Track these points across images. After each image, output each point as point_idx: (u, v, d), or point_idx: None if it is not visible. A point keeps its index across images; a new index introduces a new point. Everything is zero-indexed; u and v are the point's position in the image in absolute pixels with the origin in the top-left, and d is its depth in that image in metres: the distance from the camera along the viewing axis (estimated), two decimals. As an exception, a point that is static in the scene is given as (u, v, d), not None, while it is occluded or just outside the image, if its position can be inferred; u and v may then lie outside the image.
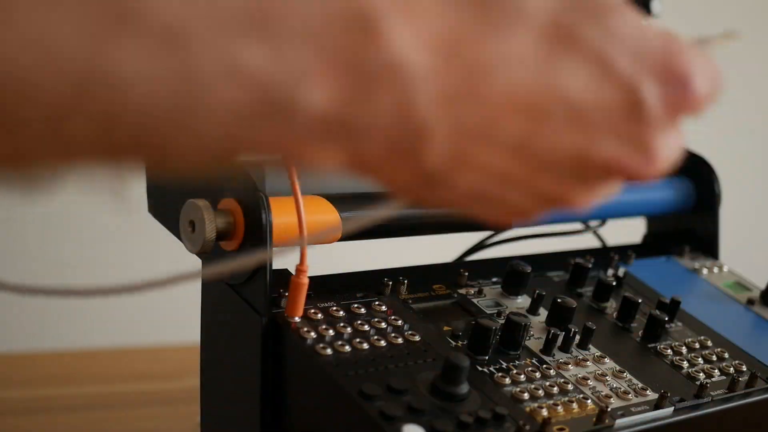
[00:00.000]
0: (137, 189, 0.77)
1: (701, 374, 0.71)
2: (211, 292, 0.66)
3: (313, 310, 0.63)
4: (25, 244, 1.40)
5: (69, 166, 0.34)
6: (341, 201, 0.68)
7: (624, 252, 0.87)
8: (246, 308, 0.62)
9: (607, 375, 0.67)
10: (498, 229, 0.86)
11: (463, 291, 0.73)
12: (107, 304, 1.43)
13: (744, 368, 0.74)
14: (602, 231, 0.95)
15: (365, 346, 0.61)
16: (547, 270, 0.80)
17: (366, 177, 0.36)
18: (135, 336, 1.38)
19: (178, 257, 0.83)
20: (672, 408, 0.66)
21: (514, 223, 0.40)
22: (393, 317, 0.65)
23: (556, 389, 0.63)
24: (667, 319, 0.75)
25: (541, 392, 0.63)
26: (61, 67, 0.30)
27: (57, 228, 1.41)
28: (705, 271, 0.89)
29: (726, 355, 0.75)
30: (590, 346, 0.70)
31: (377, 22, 0.32)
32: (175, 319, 1.31)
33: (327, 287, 0.66)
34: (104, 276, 1.43)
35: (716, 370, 0.72)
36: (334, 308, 0.64)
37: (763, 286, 0.88)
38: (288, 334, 0.60)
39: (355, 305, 0.65)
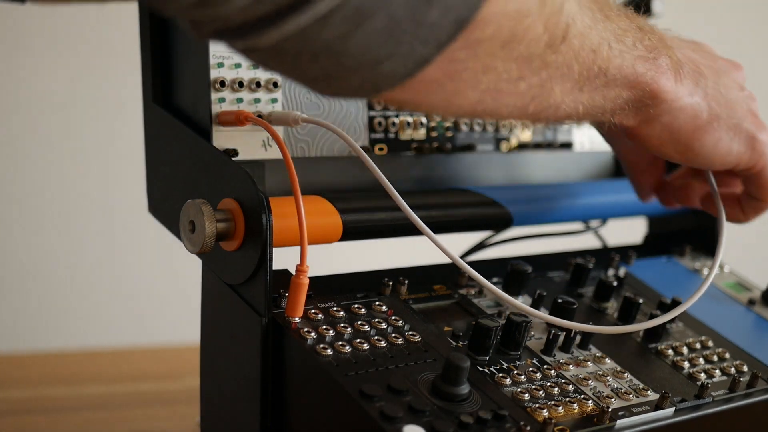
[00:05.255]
0: (138, 189, 0.77)
1: (702, 375, 0.71)
2: (211, 292, 0.66)
3: (313, 311, 0.63)
4: (25, 242, 1.40)
5: None
6: (341, 201, 0.68)
7: (625, 252, 0.87)
8: (246, 308, 0.62)
9: (607, 375, 0.67)
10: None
11: (463, 291, 0.72)
12: (107, 304, 1.43)
13: (745, 368, 0.73)
14: (603, 231, 0.94)
15: (366, 346, 0.61)
16: (547, 270, 0.80)
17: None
18: (135, 336, 1.39)
19: (178, 257, 0.83)
20: (673, 408, 0.66)
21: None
22: (393, 317, 0.65)
23: (556, 390, 0.63)
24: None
25: (541, 393, 0.62)
26: None
27: (58, 227, 1.41)
28: (706, 271, 0.89)
29: (727, 356, 0.75)
30: (591, 346, 0.70)
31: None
32: (175, 319, 1.31)
33: (327, 287, 0.66)
34: (105, 274, 1.43)
35: (717, 371, 0.72)
36: (335, 308, 0.64)
37: (763, 287, 0.87)
38: (288, 334, 0.60)
39: (356, 305, 0.65)
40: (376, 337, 0.62)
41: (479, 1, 0.46)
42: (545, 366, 0.66)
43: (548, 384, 0.64)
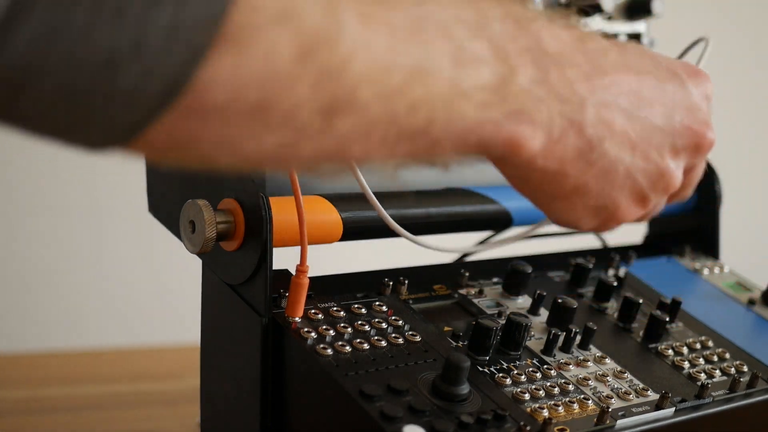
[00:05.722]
0: (138, 188, 0.77)
1: (702, 375, 0.71)
2: (211, 292, 0.66)
3: (313, 311, 0.63)
4: (25, 241, 1.40)
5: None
6: (341, 201, 0.68)
7: (625, 252, 0.87)
8: (246, 308, 0.62)
9: (608, 375, 0.67)
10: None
11: (463, 291, 0.72)
12: (107, 305, 1.43)
13: (745, 369, 0.73)
14: (603, 231, 0.94)
15: (366, 346, 0.61)
16: (547, 270, 0.80)
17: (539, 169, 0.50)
18: (135, 336, 1.38)
19: (178, 257, 0.83)
20: (673, 408, 0.66)
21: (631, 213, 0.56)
22: (393, 317, 0.65)
23: (556, 390, 0.63)
24: (668, 319, 0.75)
25: (541, 393, 0.62)
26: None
27: (58, 227, 1.41)
28: (706, 271, 0.89)
29: (727, 356, 0.75)
30: (591, 346, 0.70)
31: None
32: (175, 319, 1.31)
33: (327, 287, 0.66)
34: (105, 274, 1.43)
35: (717, 371, 0.72)
36: (335, 308, 0.64)
37: (763, 287, 0.87)
38: (288, 334, 0.60)
39: (356, 305, 0.65)
40: (376, 337, 0.62)
41: (189, 64, 0.36)
42: (545, 366, 0.66)
43: (548, 384, 0.64)
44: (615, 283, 0.78)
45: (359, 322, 0.63)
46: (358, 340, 0.61)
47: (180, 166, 0.43)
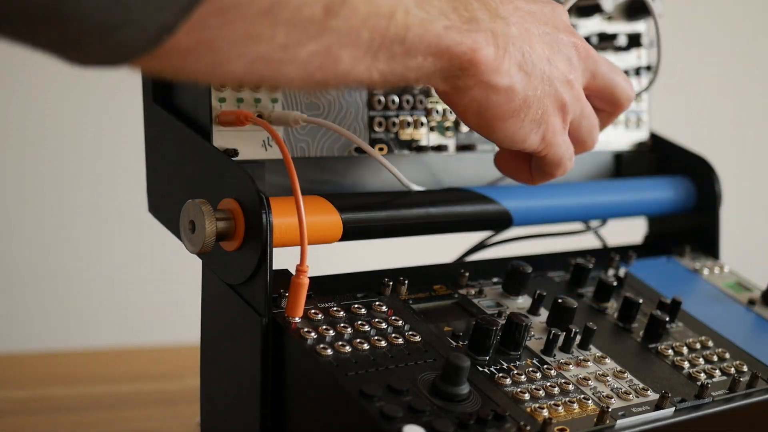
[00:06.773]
0: (138, 189, 0.77)
1: (702, 375, 0.71)
2: (211, 292, 0.66)
3: (313, 311, 0.63)
4: (25, 241, 1.40)
5: None
6: (341, 201, 0.68)
7: (625, 252, 0.87)
8: (246, 308, 0.62)
9: (608, 375, 0.67)
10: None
11: (463, 291, 0.72)
12: (107, 305, 1.43)
13: (745, 369, 0.73)
14: (603, 231, 0.94)
15: (366, 346, 0.61)
16: (547, 270, 0.80)
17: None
18: (135, 336, 1.38)
19: (178, 257, 0.83)
20: (673, 408, 0.66)
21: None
22: (393, 317, 0.65)
23: (556, 389, 0.63)
24: (668, 319, 0.75)
25: (541, 392, 0.62)
26: None
27: (58, 227, 1.41)
28: (706, 271, 0.89)
29: (727, 356, 0.75)
30: (591, 346, 0.70)
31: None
32: (175, 319, 1.31)
33: (327, 287, 0.66)
34: (105, 274, 1.43)
35: (717, 371, 0.72)
36: (335, 308, 0.64)
37: (763, 287, 0.87)
38: (288, 334, 0.60)
39: (356, 305, 0.65)
40: (376, 337, 0.62)
41: None
42: (545, 366, 0.66)
43: (548, 384, 0.64)
44: (615, 283, 0.77)
45: (359, 322, 0.63)
46: (358, 340, 0.61)
47: (194, 78, 0.49)
